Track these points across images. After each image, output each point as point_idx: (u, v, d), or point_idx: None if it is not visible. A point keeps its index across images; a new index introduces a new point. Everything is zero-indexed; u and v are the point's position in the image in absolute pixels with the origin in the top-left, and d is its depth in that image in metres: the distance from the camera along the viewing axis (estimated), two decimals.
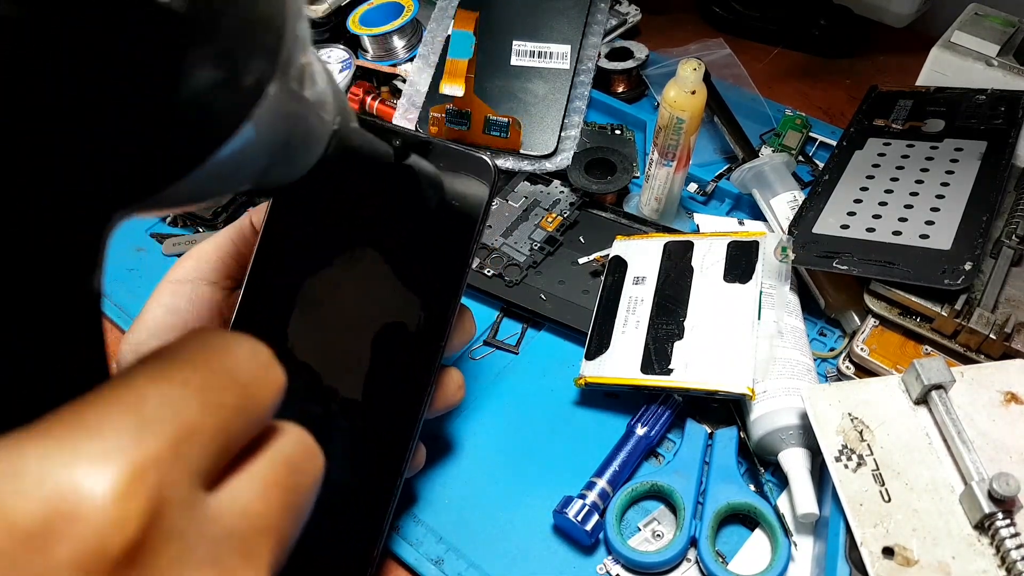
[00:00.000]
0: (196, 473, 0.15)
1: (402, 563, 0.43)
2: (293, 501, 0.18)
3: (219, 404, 0.16)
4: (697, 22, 0.83)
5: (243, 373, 0.17)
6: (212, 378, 0.16)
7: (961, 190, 0.53)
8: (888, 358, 0.48)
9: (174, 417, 0.15)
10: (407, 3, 0.71)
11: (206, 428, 0.16)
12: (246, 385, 0.17)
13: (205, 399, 0.16)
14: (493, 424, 0.49)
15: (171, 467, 0.15)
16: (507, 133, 0.61)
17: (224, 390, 0.16)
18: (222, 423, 0.16)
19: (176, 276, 0.39)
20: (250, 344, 0.18)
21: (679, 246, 0.54)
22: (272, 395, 0.18)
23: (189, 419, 0.15)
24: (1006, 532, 0.37)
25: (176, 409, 0.15)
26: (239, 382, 0.17)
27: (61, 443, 0.14)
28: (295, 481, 0.18)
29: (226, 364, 0.17)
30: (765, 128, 0.68)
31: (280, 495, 0.18)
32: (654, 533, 0.44)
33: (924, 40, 0.67)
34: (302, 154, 0.23)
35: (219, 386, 0.16)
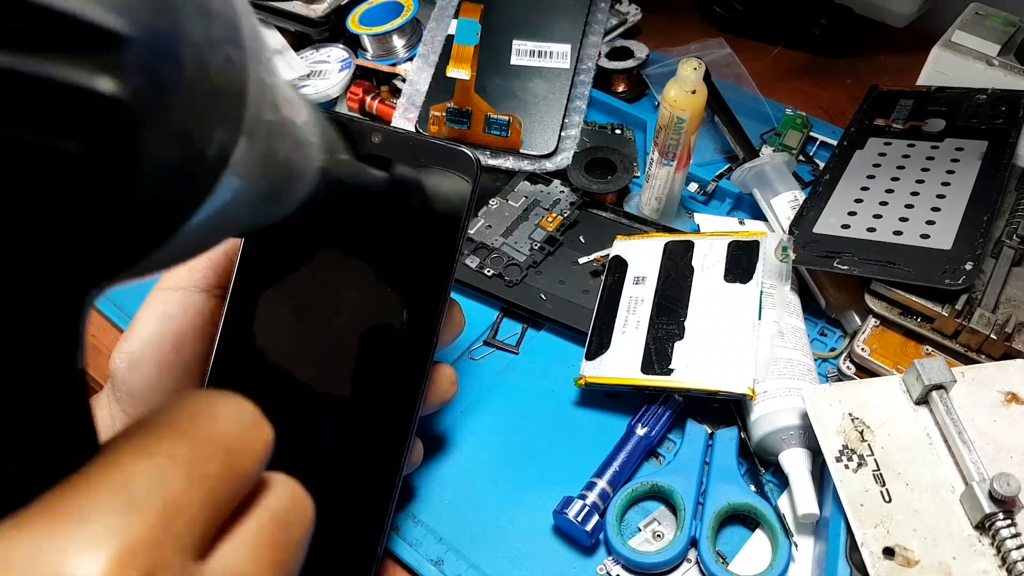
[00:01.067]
0: (186, 547, 0.15)
1: (402, 564, 0.43)
2: (284, 557, 0.18)
3: (205, 475, 0.16)
4: (697, 21, 0.83)
5: (229, 438, 0.17)
6: (198, 448, 0.16)
7: (962, 190, 0.53)
8: (889, 358, 0.48)
9: (161, 494, 0.15)
10: (407, 2, 0.71)
11: (193, 501, 0.16)
12: (232, 451, 0.17)
13: (191, 471, 0.16)
14: (493, 424, 0.49)
15: (161, 545, 0.15)
16: (507, 132, 0.61)
17: (210, 459, 0.16)
18: (209, 493, 0.16)
19: (167, 283, 0.38)
20: (235, 405, 0.18)
21: (679, 246, 0.54)
22: (259, 455, 0.18)
23: (176, 494, 0.15)
24: (1007, 532, 0.37)
25: (163, 485, 0.15)
26: (225, 448, 0.17)
27: (52, 530, 0.14)
28: (285, 537, 0.18)
29: (211, 431, 0.17)
30: (766, 128, 0.68)
31: (271, 554, 0.18)
32: (654, 533, 0.44)
33: (925, 40, 0.67)
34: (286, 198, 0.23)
35: (205, 456, 0.16)
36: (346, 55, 0.71)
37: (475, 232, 0.58)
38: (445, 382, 0.41)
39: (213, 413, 0.17)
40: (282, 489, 0.19)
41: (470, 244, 0.57)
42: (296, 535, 0.19)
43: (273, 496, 0.19)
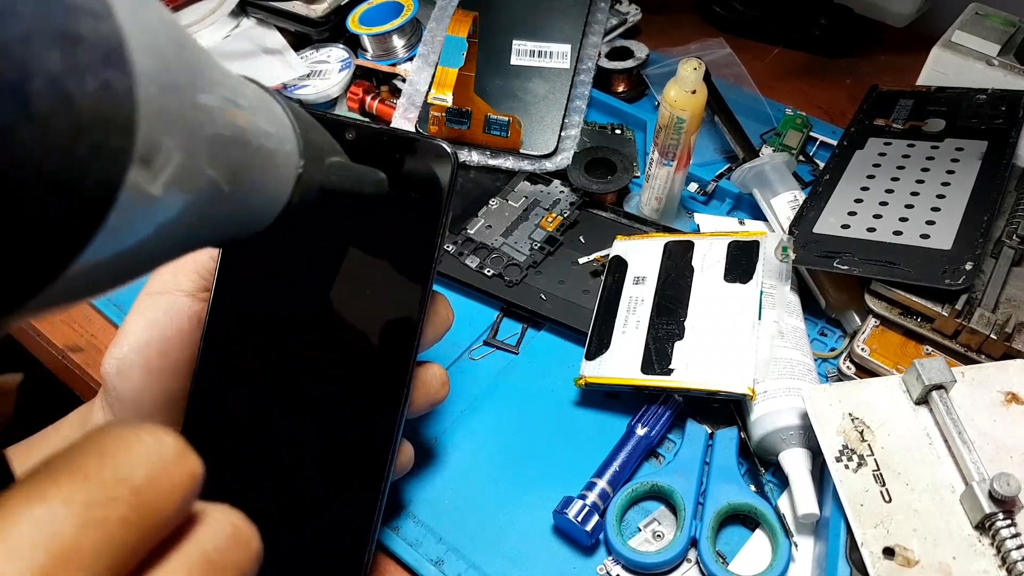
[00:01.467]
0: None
1: (402, 564, 0.43)
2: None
3: (104, 519, 0.15)
4: (697, 21, 0.83)
5: (138, 477, 0.16)
6: (98, 490, 0.15)
7: (962, 190, 0.53)
8: (889, 358, 0.48)
9: (46, 543, 0.14)
10: (407, 2, 0.71)
11: (87, 548, 0.15)
12: (141, 490, 0.16)
13: (87, 516, 0.15)
14: (493, 424, 0.49)
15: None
16: (507, 132, 0.61)
17: (113, 502, 0.15)
18: (108, 538, 0.15)
19: (153, 288, 0.38)
20: (151, 439, 0.17)
21: (679, 246, 0.54)
22: (179, 492, 0.17)
23: (64, 542, 0.14)
24: (1007, 532, 0.37)
25: (51, 532, 0.14)
26: (132, 488, 0.16)
27: None
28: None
29: (117, 470, 0.16)
30: (765, 128, 0.68)
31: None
32: (654, 533, 0.44)
33: (925, 40, 0.67)
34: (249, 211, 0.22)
35: (106, 499, 0.15)
36: (346, 55, 0.71)
37: (475, 232, 0.58)
38: (435, 383, 0.40)
39: (125, 450, 0.16)
40: (218, 524, 0.18)
41: (470, 244, 0.57)
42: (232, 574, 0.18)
43: (205, 532, 0.18)
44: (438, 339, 0.39)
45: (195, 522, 0.18)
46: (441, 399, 0.40)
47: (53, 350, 0.54)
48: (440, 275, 0.56)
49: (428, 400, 0.40)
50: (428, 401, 0.40)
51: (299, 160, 0.24)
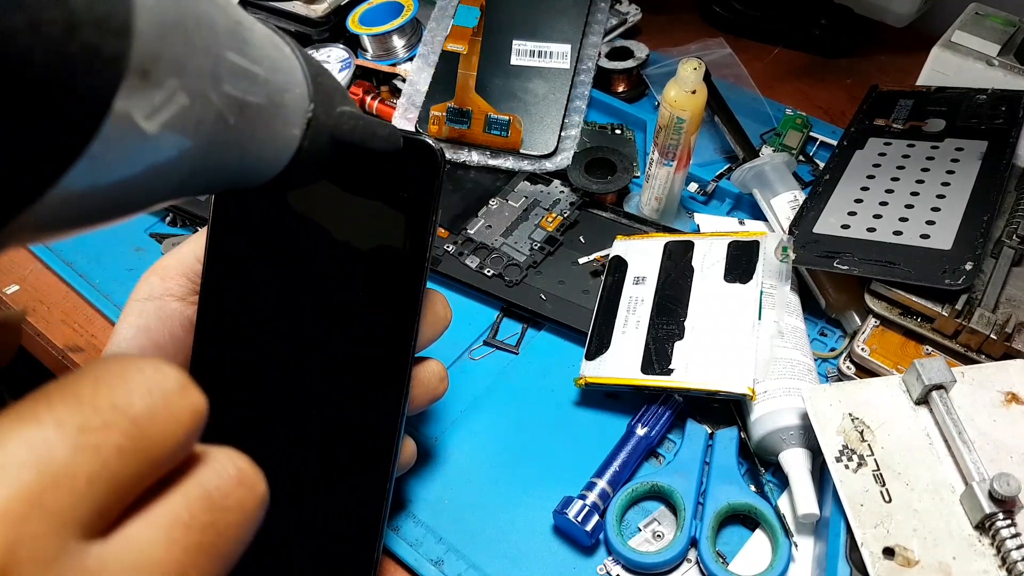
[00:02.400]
0: (69, 523, 0.14)
1: (402, 564, 0.43)
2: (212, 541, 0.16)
3: (99, 445, 0.14)
4: (697, 22, 0.83)
5: (136, 407, 0.15)
6: (94, 416, 0.15)
7: (962, 190, 0.53)
8: (889, 358, 0.48)
9: (37, 464, 0.14)
10: (407, 2, 0.71)
11: (80, 473, 0.14)
12: (138, 420, 0.15)
13: (81, 441, 0.14)
14: (493, 424, 0.49)
15: (27, 520, 0.13)
16: (507, 132, 0.61)
17: (108, 429, 0.15)
18: (104, 466, 0.14)
19: (141, 294, 0.38)
20: (152, 371, 0.16)
21: (679, 246, 0.54)
22: (181, 427, 0.16)
23: (57, 464, 0.14)
24: (1007, 532, 0.37)
25: (41, 454, 0.14)
26: (129, 417, 0.15)
27: None
28: (216, 518, 0.16)
29: (116, 398, 0.15)
30: (765, 128, 0.68)
31: (192, 536, 0.16)
32: (654, 533, 0.44)
33: (925, 40, 0.67)
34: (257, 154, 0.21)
35: (101, 425, 0.15)
36: (346, 55, 0.71)
37: (475, 232, 0.58)
38: (434, 379, 0.40)
39: (124, 379, 0.16)
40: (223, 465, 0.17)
41: (470, 244, 0.57)
42: (234, 517, 0.17)
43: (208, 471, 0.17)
44: (437, 337, 0.39)
45: (197, 461, 0.17)
46: (440, 394, 0.40)
47: (53, 350, 0.54)
48: (440, 275, 0.56)
49: (428, 396, 0.40)
50: (428, 397, 0.40)
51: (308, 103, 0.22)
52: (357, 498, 0.37)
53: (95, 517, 0.14)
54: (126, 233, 0.59)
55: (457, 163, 0.63)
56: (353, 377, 0.37)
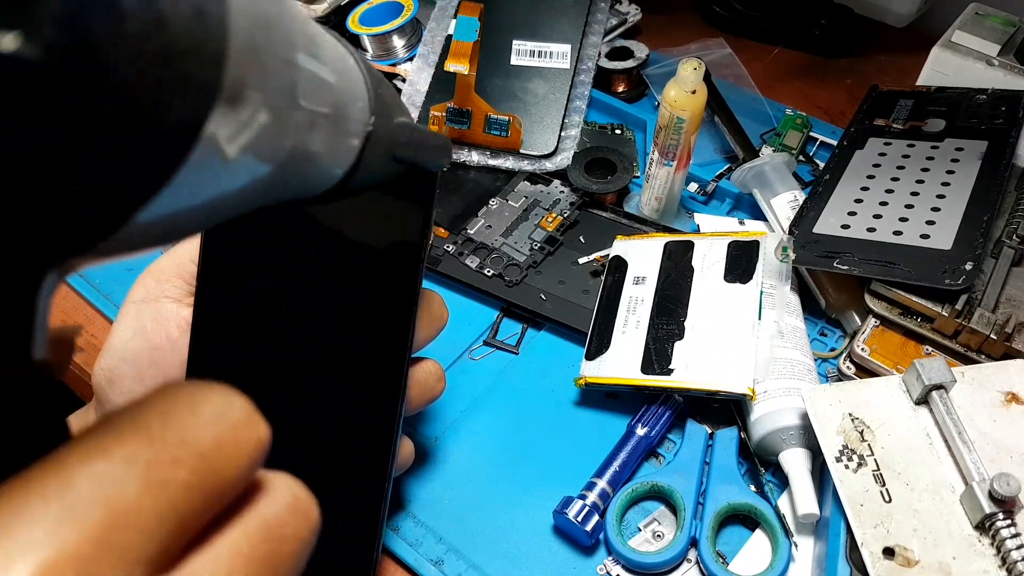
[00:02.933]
0: (137, 561, 0.14)
1: (402, 564, 0.43)
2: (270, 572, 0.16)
3: (167, 481, 0.14)
4: (697, 22, 0.83)
5: (205, 440, 0.15)
6: (164, 451, 0.15)
7: (962, 190, 0.53)
8: (889, 358, 0.48)
9: (107, 502, 0.13)
10: (407, 3, 0.71)
11: (149, 510, 0.14)
12: (207, 454, 0.15)
13: (150, 477, 0.14)
14: (493, 424, 0.49)
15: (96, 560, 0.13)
16: (507, 132, 0.61)
17: (177, 464, 0.15)
18: (171, 502, 0.14)
19: (137, 296, 0.37)
20: (221, 401, 0.16)
21: (679, 246, 0.54)
22: (246, 458, 0.16)
23: (126, 502, 0.14)
24: (1007, 532, 0.37)
25: (111, 491, 0.14)
26: (198, 452, 0.15)
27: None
28: (273, 548, 0.16)
29: (186, 432, 0.15)
30: (765, 128, 0.68)
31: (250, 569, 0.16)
32: (654, 533, 0.44)
33: (925, 40, 0.67)
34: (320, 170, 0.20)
35: (171, 460, 0.14)
36: None
37: (475, 232, 0.58)
38: (431, 379, 0.40)
39: (193, 410, 0.15)
40: (279, 493, 0.17)
41: (470, 244, 0.57)
42: (289, 546, 0.17)
43: (267, 502, 0.17)
44: (433, 337, 0.39)
45: (256, 490, 0.17)
46: (438, 394, 0.40)
47: None
48: (440, 275, 0.56)
49: (425, 396, 0.40)
50: (425, 397, 0.40)
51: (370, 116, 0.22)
52: (356, 499, 0.37)
53: (161, 554, 0.14)
54: None
55: (457, 163, 0.63)
56: (350, 378, 0.37)
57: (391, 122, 0.24)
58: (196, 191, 0.15)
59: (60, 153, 0.12)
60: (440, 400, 0.48)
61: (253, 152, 0.16)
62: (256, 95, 0.15)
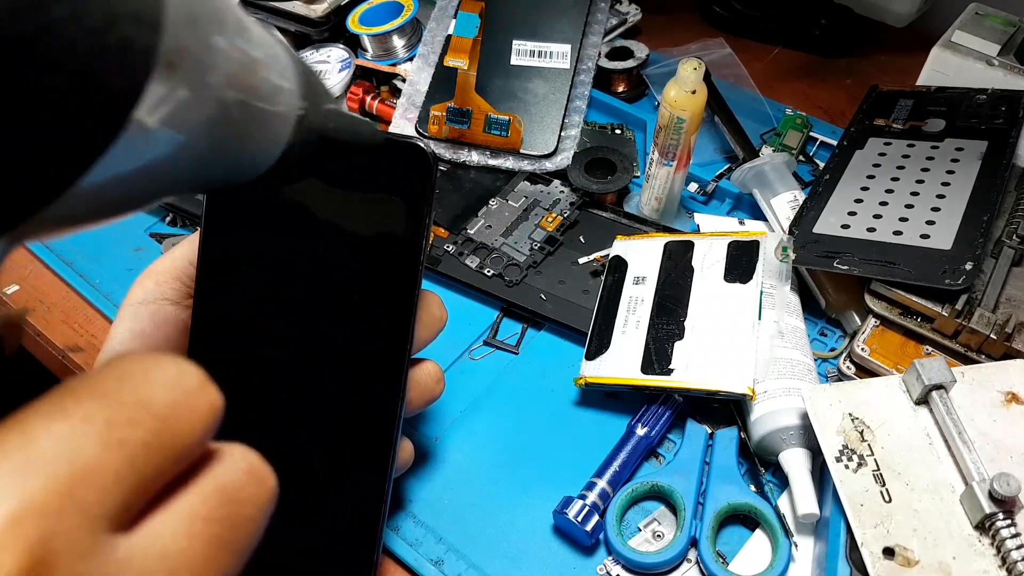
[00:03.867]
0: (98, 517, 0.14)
1: (402, 563, 0.43)
2: (229, 535, 0.17)
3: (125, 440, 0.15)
4: (697, 22, 0.83)
5: (160, 403, 0.16)
6: (120, 411, 0.15)
7: (962, 190, 0.53)
8: (889, 358, 0.48)
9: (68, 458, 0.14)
10: (407, 2, 0.71)
11: (109, 467, 0.14)
12: (162, 416, 0.16)
13: (109, 436, 0.15)
14: (493, 424, 0.49)
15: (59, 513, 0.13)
16: (507, 132, 0.61)
17: (134, 424, 0.15)
18: (131, 460, 0.15)
19: (136, 298, 0.37)
20: (174, 368, 0.17)
21: (679, 246, 0.54)
22: (200, 422, 0.17)
23: (87, 459, 0.14)
24: (1007, 532, 0.37)
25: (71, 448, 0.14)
26: (153, 413, 0.16)
27: None
28: (231, 512, 0.17)
29: (140, 394, 0.16)
30: (765, 128, 0.68)
31: (210, 529, 0.16)
32: (654, 533, 0.44)
33: (925, 40, 0.67)
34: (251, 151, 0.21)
35: (127, 420, 0.15)
36: (346, 55, 0.71)
37: (475, 232, 0.58)
38: (430, 380, 0.40)
39: (146, 376, 0.16)
40: (235, 460, 0.18)
41: (470, 244, 0.57)
42: (247, 510, 0.17)
43: (223, 467, 0.17)
44: (433, 338, 0.39)
45: (211, 457, 0.18)
46: (437, 395, 0.40)
47: (53, 350, 0.54)
48: (440, 275, 0.56)
49: (425, 397, 0.40)
50: (425, 398, 0.40)
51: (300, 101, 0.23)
52: (356, 499, 0.37)
53: (122, 511, 0.15)
54: (126, 233, 0.59)
55: (457, 163, 0.63)
56: (350, 379, 0.37)
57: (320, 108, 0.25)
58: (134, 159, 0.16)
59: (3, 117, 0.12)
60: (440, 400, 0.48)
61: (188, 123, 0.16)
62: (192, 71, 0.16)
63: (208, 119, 0.17)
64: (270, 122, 0.21)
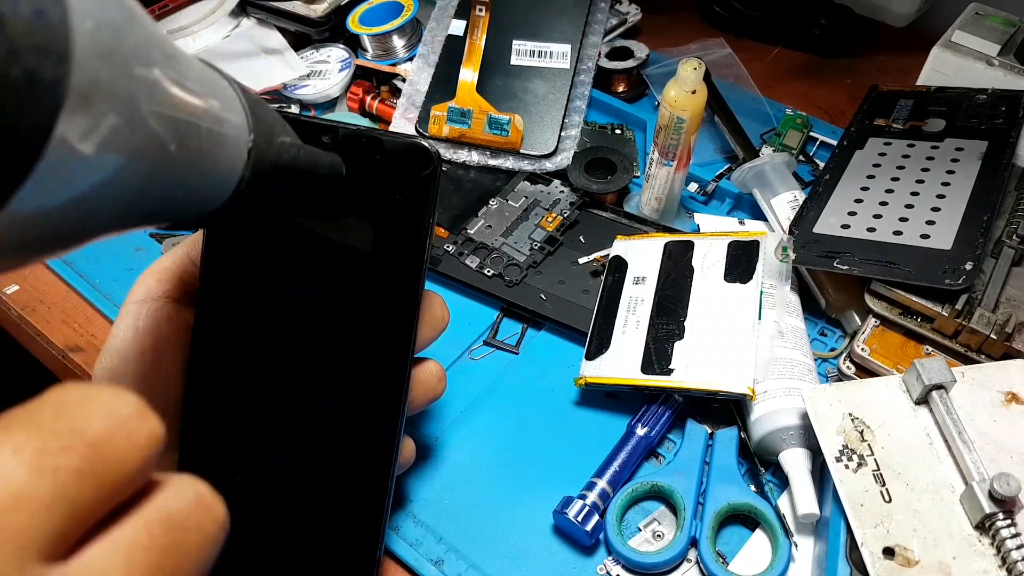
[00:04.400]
0: (29, 546, 0.14)
1: (402, 563, 0.43)
2: (172, 563, 0.16)
3: (58, 468, 0.15)
4: (697, 21, 0.83)
5: (94, 431, 0.16)
6: (53, 440, 0.15)
7: (962, 190, 0.53)
8: (889, 358, 0.48)
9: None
10: (407, 2, 0.71)
11: (39, 495, 0.14)
12: (96, 444, 0.15)
13: (39, 463, 0.14)
14: (493, 424, 0.49)
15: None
16: (508, 132, 0.61)
17: (67, 452, 0.15)
18: (63, 489, 0.15)
19: (138, 296, 0.37)
20: (109, 396, 0.17)
21: (679, 246, 0.54)
22: (138, 450, 0.16)
23: (15, 487, 0.14)
24: (1007, 532, 0.37)
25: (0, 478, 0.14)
26: (88, 442, 0.15)
27: None
28: (175, 539, 0.17)
29: (74, 423, 0.15)
30: (765, 128, 0.68)
31: (151, 558, 0.16)
32: (654, 533, 0.44)
33: (925, 40, 0.67)
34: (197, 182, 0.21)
35: (60, 448, 0.15)
36: (346, 55, 0.71)
37: (475, 232, 0.58)
38: (432, 379, 0.40)
39: (81, 405, 0.16)
40: (180, 490, 0.18)
41: (470, 244, 0.57)
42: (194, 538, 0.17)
43: (167, 495, 0.17)
44: (435, 338, 0.39)
45: (156, 487, 0.17)
46: (439, 395, 0.40)
47: (53, 350, 0.54)
48: (440, 275, 0.56)
49: (427, 396, 0.40)
50: (427, 397, 0.40)
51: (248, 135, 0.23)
52: (359, 498, 0.38)
53: (55, 540, 0.14)
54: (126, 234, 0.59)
55: (457, 163, 0.63)
56: (353, 379, 0.37)
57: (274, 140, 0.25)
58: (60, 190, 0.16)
59: None
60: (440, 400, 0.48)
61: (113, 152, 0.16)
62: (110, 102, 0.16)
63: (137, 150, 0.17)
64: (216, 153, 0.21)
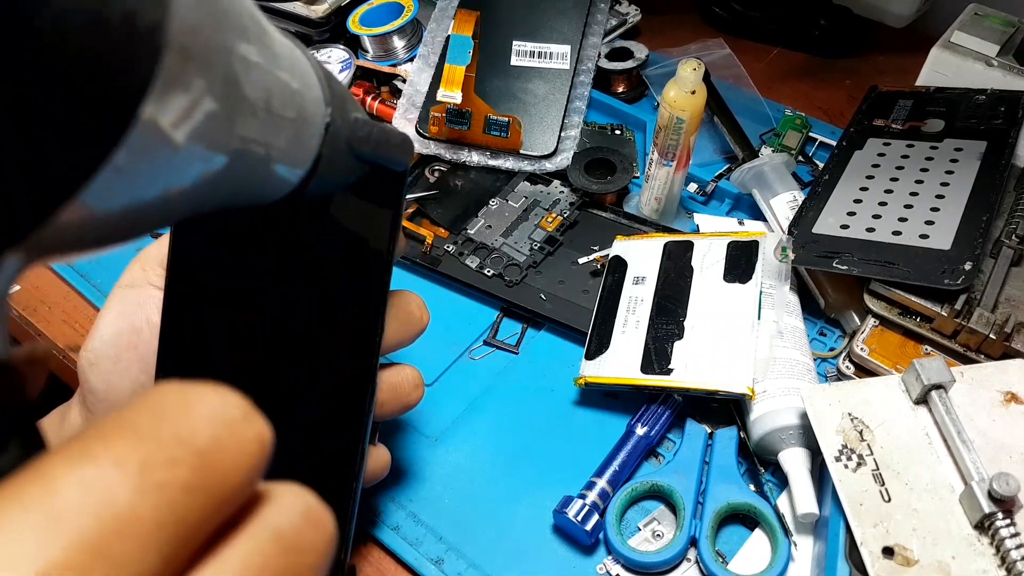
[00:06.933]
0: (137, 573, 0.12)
1: (402, 563, 0.43)
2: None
3: (164, 484, 0.13)
4: (697, 22, 0.83)
5: (203, 438, 0.14)
6: (158, 451, 0.13)
7: (961, 190, 0.53)
8: (888, 358, 0.48)
9: (97, 509, 0.12)
10: (407, 3, 0.71)
11: (146, 516, 0.12)
12: (206, 454, 0.14)
13: (144, 480, 0.13)
14: (493, 424, 0.49)
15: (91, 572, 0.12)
16: (507, 133, 0.61)
17: (174, 464, 0.13)
18: (170, 506, 0.13)
19: (124, 282, 0.38)
20: (217, 398, 0.15)
21: (679, 246, 0.54)
22: (247, 459, 0.15)
23: (119, 508, 0.12)
24: (1006, 532, 0.37)
25: (100, 497, 0.12)
26: (197, 451, 0.14)
27: None
28: (290, 561, 0.15)
29: (180, 430, 0.14)
30: (765, 128, 0.68)
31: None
32: (654, 533, 0.44)
33: (924, 40, 0.67)
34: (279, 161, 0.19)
35: (166, 460, 0.13)
36: (346, 56, 0.71)
37: (475, 232, 0.58)
38: (406, 385, 0.38)
39: (185, 408, 0.14)
40: (291, 502, 0.16)
41: (470, 244, 0.57)
42: (308, 559, 0.15)
43: (277, 510, 0.15)
44: (410, 339, 0.38)
45: (262, 500, 0.16)
46: (414, 402, 0.39)
47: (54, 350, 0.54)
48: (440, 275, 0.56)
49: (400, 403, 0.38)
50: (400, 404, 0.38)
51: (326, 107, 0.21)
52: None
53: (164, 565, 0.13)
54: None
55: (457, 163, 0.63)
56: (318, 381, 0.35)
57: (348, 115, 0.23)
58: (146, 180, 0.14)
59: None
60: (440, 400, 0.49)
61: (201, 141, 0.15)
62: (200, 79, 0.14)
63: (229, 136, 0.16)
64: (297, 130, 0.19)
